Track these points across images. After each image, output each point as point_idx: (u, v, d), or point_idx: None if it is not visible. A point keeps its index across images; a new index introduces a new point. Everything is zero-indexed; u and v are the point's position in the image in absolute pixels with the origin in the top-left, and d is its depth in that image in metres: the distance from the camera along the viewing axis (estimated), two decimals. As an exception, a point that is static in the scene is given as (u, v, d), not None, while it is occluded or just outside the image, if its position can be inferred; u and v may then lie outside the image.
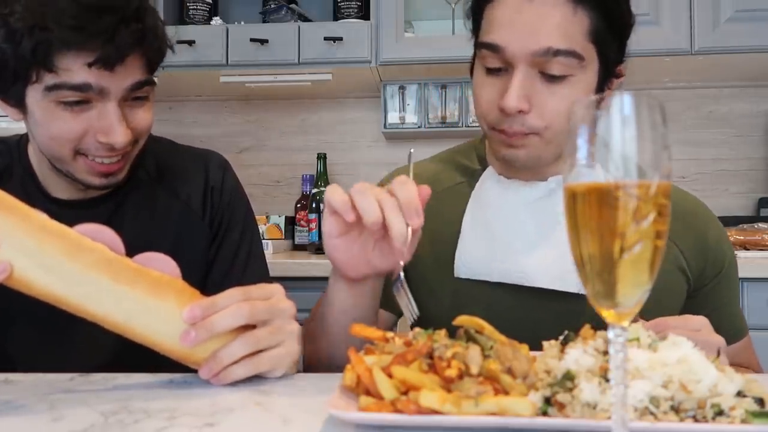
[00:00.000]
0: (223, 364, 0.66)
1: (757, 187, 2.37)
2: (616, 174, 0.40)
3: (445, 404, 0.51)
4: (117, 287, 0.62)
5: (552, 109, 0.81)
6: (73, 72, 0.79)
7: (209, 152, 1.07)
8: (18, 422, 0.57)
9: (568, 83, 0.81)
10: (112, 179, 0.88)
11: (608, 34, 0.83)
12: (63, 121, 0.82)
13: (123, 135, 0.83)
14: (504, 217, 0.89)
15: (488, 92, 0.84)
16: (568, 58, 0.79)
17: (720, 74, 2.27)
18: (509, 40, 0.80)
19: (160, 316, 0.64)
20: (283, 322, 0.69)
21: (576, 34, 0.80)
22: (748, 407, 0.51)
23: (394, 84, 2.32)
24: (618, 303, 0.42)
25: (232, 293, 0.67)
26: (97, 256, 0.62)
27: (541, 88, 0.81)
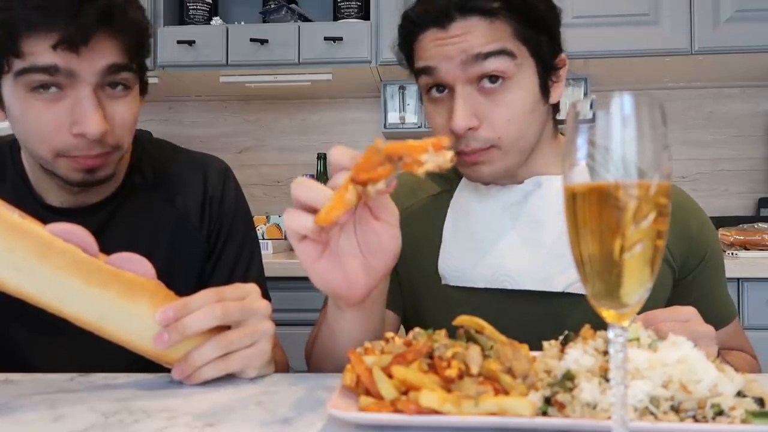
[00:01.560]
0: (194, 366, 0.66)
1: (757, 187, 2.37)
2: (616, 174, 0.40)
3: (445, 404, 0.51)
4: (88, 289, 0.61)
5: (500, 117, 0.82)
6: (39, 55, 0.75)
7: (209, 158, 1.03)
8: (18, 422, 0.57)
9: (507, 88, 0.82)
10: (94, 176, 0.83)
11: (534, 33, 0.84)
12: (36, 113, 0.78)
13: (97, 124, 0.77)
14: (484, 223, 0.90)
15: (438, 118, 0.86)
16: (499, 58, 0.81)
17: (720, 74, 2.27)
18: (439, 60, 0.82)
19: (133, 317, 0.64)
20: (256, 322, 0.69)
21: (501, 37, 0.82)
22: (748, 407, 0.51)
23: (394, 84, 2.32)
24: (618, 303, 0.42)
25: (206, 294, 0.67)
26: (69, 258, 0.61)
27: (484, 102, 0.82)
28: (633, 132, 0.40)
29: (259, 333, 0.68)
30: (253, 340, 0.68)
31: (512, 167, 0.87)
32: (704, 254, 0.94)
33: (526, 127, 0.84)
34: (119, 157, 0.86)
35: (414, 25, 0.86)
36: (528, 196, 0.89)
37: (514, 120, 0.83)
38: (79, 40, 0.75)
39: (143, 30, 0.84)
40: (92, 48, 0.77)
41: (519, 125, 0.83)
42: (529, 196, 0.89)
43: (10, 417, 0.58)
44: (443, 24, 0.82)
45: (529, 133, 0.85)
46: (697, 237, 0.94)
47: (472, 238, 0.90)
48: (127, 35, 0.80)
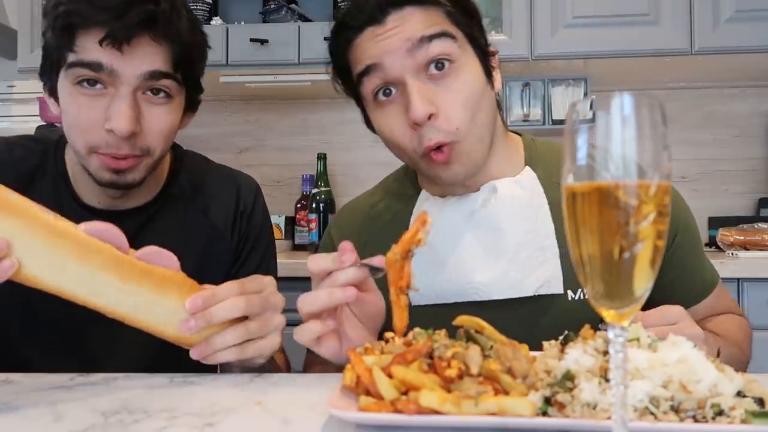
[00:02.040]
0: (214, 349, 0.70)
1: (757, 187, 2.37)
2: (616, 174, 0.40)
3: (445, 404, 0.51)
4: (123, 285, 0.65)
5: (454, 103, 0.81)
6: (87, 50, 0.80)
7: (243, 175, 1.08)
8: (18, 422, 0.57)
9: (456, 71, 0.82)
10: (122, 178, 0.86)
11: (465, 18, 0.86)
12: (77, 105, 0.83)
13: (126, 122, 0.81)
14: (446, 237, 0.89)
15: (394, 121, 0.84)
16: (442, 39, 0.81)
17: (720, 74, 2.27)
18: (382, 55, 0.81)
19: (163, 308, 0.68)
20: (271, 315, 0.74)
21: (438, 21, 0.83)
22: (748, 407, 0.51)
23: (394, 84, 2.32)
24: (618, 303, 0.42)
25: (231, 286, 0.72)
26: (105, 256, 0.65)
27: (436, 89, 0.82)
28: (633, 132, 0.40)
29: (273, 325, 0.74)
30: (266, 332, 0.73)
31: (479, 159, 0.86)
32: (675, 231, 0.92)
33: (478, 111, 0.83)
34: (151, 164, 0.88)
35: (349, 30, 0.85)
36: (485, 203, 0.89)
37: (467, 105, 0.82)
38: (122, 37, 0.79)
39: (191, 42, 0.88)
40: (135, 49, 0.81)
41: (472, 110, 0.83)
42: (486, 203, 0.89)
43: (10, 417, 0.58)
44: (379, 19, 0.82)
45: (482, 118, 0.84)
46: (684, 226, 0.93)
47: (436, 252, 0.89)
48: (171, 43, 0.84)
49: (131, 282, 0.66)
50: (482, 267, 0.87)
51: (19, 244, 0.61)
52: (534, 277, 0.86)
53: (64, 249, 0.63)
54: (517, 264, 0.86)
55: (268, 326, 0.73)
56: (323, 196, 2.34)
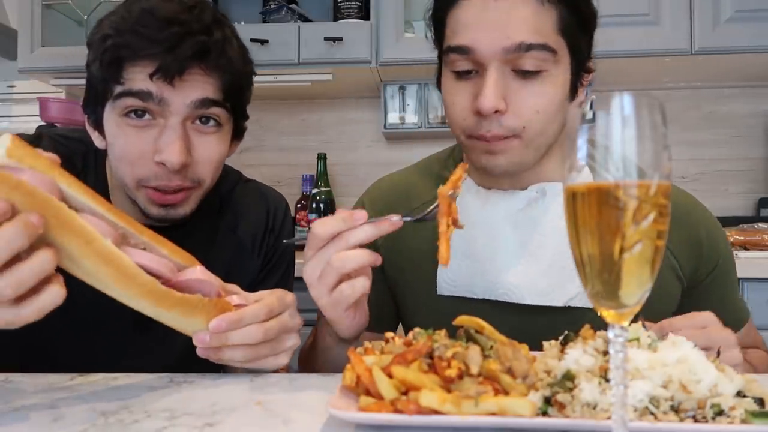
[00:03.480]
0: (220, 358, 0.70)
1: (757, 187, 2.37)
2: (616, 174, 0.40)
3: (445, 404, 0.51)
4: (156, 309, 0.65)
5: (529, 106, 0.79)
6: (136, 82, 0.79)
7: (272, 192, 1.08)
8: (18, 422, 0.57)
9: (542, 79, 0.79)
10: (172, 212, 0.85)
11: (577, 27, 0.82)
12: (125, 137, 0.81)
13: (178, 153, 0.79)
14: (485, 231, 0.87)
15: (461, 98, 0.82)
16: (541, 52, 0.78)
17: (720, 74, 2.27)
18: (479, 40, 0.78)
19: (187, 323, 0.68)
20: (285, 337, 0.73)
21: (546, 28, 0.79)
22: (748, 407, 0.51)
23: (394, 84, 2.32)
24: (618, 303, 0.42)
25: (257, 312, 0.70)
26: (146, 289, 0.63)
27: (515, 86, 0.79)
28: (633, 132, 0.40)
29: (284, 347, 0.74)
30: (277, 353, 0.73)
31: (528, 162, 0.83)
32: (716, 262, 0.91)
33: (550, 123, 0.81)
34: (201, 196, 0.87)
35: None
36: (531, 204, 0.86)
37: (542, 112, 0.80)
38: (175, 70, 0.78)
39: (240, 71, 0.86)
40: (186, 80, 0.80)
41: (545, 119, 0.80)
42: (533, 205, 0.86)
43: (10, 417, 0.58)
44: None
45: (551, 129, 0.82)
46: (707, 245, 0.91)
47: (471, 245, 0.88)
48: (222, 73, 0.83)
49: (163, 307, 0.65)
50: (516, 269, 0.85)
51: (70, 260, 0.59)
52: (567, 288, 0.84)
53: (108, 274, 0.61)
54: (553, 272, 0.84)
55: (278, 348, 0.73)
56: (323, 196, 2.34)
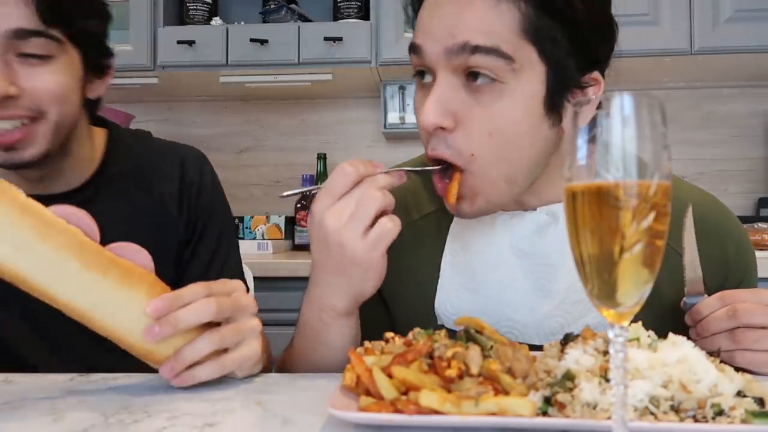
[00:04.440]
0: (186, 362, 0.63)
1: (757, 187, 2.37)
2: (616, 174, 0.40)
3: (445, 404, 0.51)
4: (86, 274, 0.59)
5: (481, 126, 0.67)
6: None
7: (186, 147, 1.01)
8: (18, 422, 0.57)
9: (501, 92, 0.67)
10: (16, 155, 0.79)
11: (553, 30, 0.67)
12: None
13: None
14: (488, 262, 0.79)
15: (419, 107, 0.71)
16: (490, 57, 0.65)
17: (720, 74, 2.27)
18: (425, 38, 0.69)
19: (127, 308, 0.61)
20: (245, 320, 0.67)
21: (501, 30, 0.66)
22: (748, 407, 0.51)
23: (394, 84, 2.32)
24: (618, 303, 0.42)
25: (196, 289, 0.64)
26: (70, 238, 0.59)
27: (466, 100, 0.68)
28: (633, 132, 0.40)
29: (248, 330, 0.67)
30: (242, 338, 0.66)
31: (498, 202, 0.73)
32: (742, 278, 0.84)
33: (512, 150, 0.69)
34: (50, 133, 0.80)
35: None
36: (541, 230, 0.77)
37: (496, 134, 0.68)
38: None
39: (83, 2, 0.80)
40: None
41: (501, 143, 0.68)
42: (543, 231, 0.77)
43: (10, 417, 0.58)
44: None
45: (516, 157, 0.69)
46: (735, 261, 0.84)
47: (474, 278, 0.79)
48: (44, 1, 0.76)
49: (94, 270, 0.59)
50: (524, 306, 0.77)
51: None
52: (580, 323, 0.76)
53: (26, 224, 0.57)
54: (563, 310, 0.76)
55: (243, 331, 0.66)
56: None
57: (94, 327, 0.61)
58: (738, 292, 0.70)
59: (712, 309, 0.70)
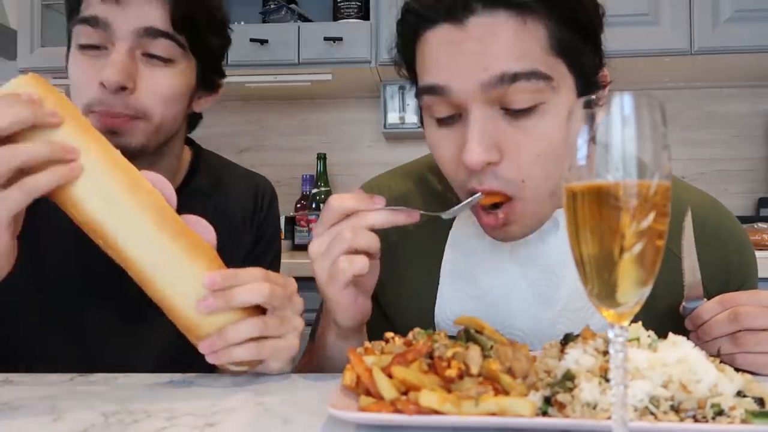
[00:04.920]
0: (227, 342, 0.65)
1: (757, 187, 2.37)
2: (616, 174, 0.40)
3: (445, 404, 0.51)
4: (158, 235, 0.62)
5: (528, 152, 0.66)
6: (90, 5, 0.81)
7: (259, 175, 1.10)
8: (18, 422, 0.57)
9: (540, 114, 0.65)
10: (118, 139, 0.81)
11: (575, 40, 0.67)
12: (77, 66, 0.83)
13: (116, 72, 0.78)
14: (489, 269, 0.78)
15: (447, 149, 0.70)
16: (531, 83, 0.64)
17: (720, 74, 2.27)
18: (452, 76, 0.65)
19: (186, 276, 0.64)
20: (292, 315, 0.69)
21: (533, 50, 0.64)
22: (748, 407, 0.51)
23: (394, 84, 2.32)
24: (618, 303, 0.42)
25: (254, 272, 0.67)
26: (152, 199, 0.63)
27: (508, 129, 0.66)
28: (633, 132, 0.40)
29: (291, 326, 0.69)
30: (284, 331, 0.68)
31: (546, 216, 0.72)
32: (743, 282, 0.84)
33: (556, 164, 0.66)
34: (152, 131, 0.84)
35: (420, 19, 0.68)
36: (543, 236, 0.76)
37: (544, 156, 0.66)
38: None
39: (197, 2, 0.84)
40: (133, 2, 0.80)
41: (549, 162, 0.66)
42: (544, 238, 0.76)
43: (10, 417, 0.58)
44: (459, 18, 0.64)
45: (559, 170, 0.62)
46: (737, 264, 0.84)
47: (475, 285, 0.79)
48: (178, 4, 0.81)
49: (166, 233, 0.63)
50: (526, 314, 0.77)
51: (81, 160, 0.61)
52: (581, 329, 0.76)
53: (117, 177, 0.62)
54: (566, 316, 0.76)
55: (287, 325, 0.68)
56: (323, 196, 2.34)
57: (152, 289, 0.64)
58: (737, 295, 0.70)
59: (713, 313, 0.70)
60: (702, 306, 0.72)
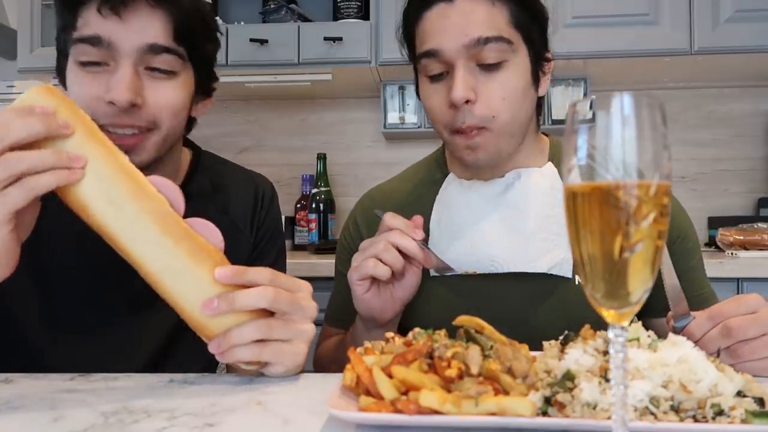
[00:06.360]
0: (230, 343, 0.66)
1: (757, 187, 2.37)
2: (616, 174, 0.40)
3: (445, 404, 0.51)
4: (161, 238, 0.64)
5: (496, 95, 0.88)
6: (88, 23, 0.81)
7: (258, 175, 1.12)
8: (18, 422, 0.57)
9: (504, 69, 0.89)
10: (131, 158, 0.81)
11: (527, 20, 0.91)
12: (80, 84, 0.83)
13: (125, 90, 0.80)
14: (468, 213, 0.95)
15: (438, 97, 0.91)
16: (498, 44, 0.87)
17: (720, 74, 2.27)
18: (443, 42, 0.88)
19: (192, 279, 0.65)
20: (300, 320, 0.70)
21: (500, 23, 0.88)
22: (748, 407, 0.51)
23: (394, 84, 2.32)
24: (618, 303, 0.42)
25: (263, 272, 0.68)
26: (156, 205, 0.66)
27: (482, 79, 0.88)
28: (633, 132, 0.40)
29: (298, 330, 0.70)
30: (291, 336, 0.69)
31: (504, 152, 0.93)
32: (675, 238, 0.97)
33: (518, 109, 0.90)
34: (160, 143, 0.86)
35: (423, 3, 0.91)
36: (509, 187, 0.95)
37: (508, 99, 0.88)
38: (119, 1, 0.79)
39: (191, 11, 0.85)
40: (133, 17, 0.81)
41: (512, 105, 0.89)
42: (510, 188, 0.95)
43: (10, 417, 0.58)
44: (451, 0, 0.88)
45: (520, 116, 0.91)
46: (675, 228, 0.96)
47: (458, 228, 0.95)
48: (170, 10, 0.83)
49: (170, 237, 0.65)
50: (501, 242, 0.92)
51: (90, 166, 0.64)
52: (548, 257, 0.91)
53: (122, 183, 0.65)
54: (534, 243, 0.92)
55: (293, 329, 0.69)
56: (323, 196, 2.34)
57: (160, 291, 0.66)
58: (724, 307, 0.71)
59: (704, 330, 0.72)
60: (692, 324, 0.73)
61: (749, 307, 0.70)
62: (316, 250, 2.21)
